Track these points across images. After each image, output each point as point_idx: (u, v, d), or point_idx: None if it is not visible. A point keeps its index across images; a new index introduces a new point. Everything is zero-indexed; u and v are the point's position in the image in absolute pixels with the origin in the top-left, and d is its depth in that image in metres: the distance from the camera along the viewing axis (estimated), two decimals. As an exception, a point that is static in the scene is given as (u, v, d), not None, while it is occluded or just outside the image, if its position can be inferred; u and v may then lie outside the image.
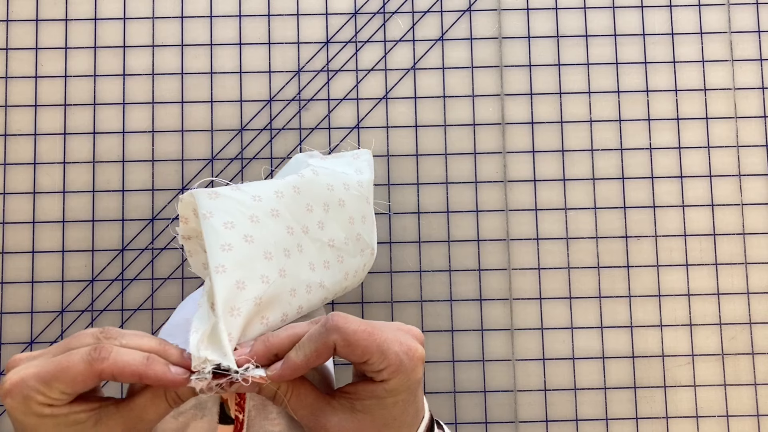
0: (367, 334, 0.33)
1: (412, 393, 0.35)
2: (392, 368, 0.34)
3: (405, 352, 0.34)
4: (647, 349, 0.55)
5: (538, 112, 0.57)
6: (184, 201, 0.38)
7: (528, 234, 0.56)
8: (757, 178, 0.57)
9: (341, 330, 0.33)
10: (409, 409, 0.36)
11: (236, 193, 0.39)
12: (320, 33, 0.57)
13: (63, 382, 0.32)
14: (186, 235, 0.40)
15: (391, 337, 0.34)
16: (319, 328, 0.34)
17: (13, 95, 0.56)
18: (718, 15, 0.58)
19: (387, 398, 0.35)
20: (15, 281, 0.55)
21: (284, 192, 0.41)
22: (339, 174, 0.45)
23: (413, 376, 0.34)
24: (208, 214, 0.37)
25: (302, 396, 0.36)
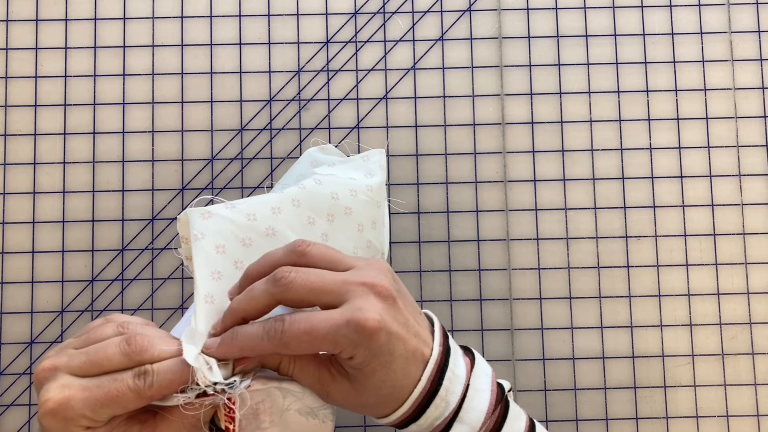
0: (307, 334, 0.33)
1: (385, 355, 0.34)
2: (347, 350, 0.33)
3: (355, 330, 0.33)
4: (647, 349, 0.55)
5: (538, 112, 0.57)
6: (182, 221, 0.38)
7: (528, 234, 0.56)
8: (758, 178, 0.57)
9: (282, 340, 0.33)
10: (393, 366, 0.35)
11: (230, 212, 0.38)
12: (320, 33, 0.57)
13: (114, 410, 0.33)
14: (188, 256, 0.39)
15: (336, 317, 0.33)
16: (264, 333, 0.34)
17: (13, 95, 0.56)
18: (718, 15, 0.58)
19: (363, 369, 0.34)
20: (15, 281, 0.55)
21: (282, 207, 0.40)
22: (345, 181, 0.44)
23: (374, 345, 0.33)
24: (199, 235, 0.36)
25: (304, 366, 0.36)
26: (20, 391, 0.54)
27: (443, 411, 0.36)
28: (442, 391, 0.36)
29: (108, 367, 0.34)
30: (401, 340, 0.35)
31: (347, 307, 0.33)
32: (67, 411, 0.33)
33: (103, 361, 0.34)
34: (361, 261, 0.36)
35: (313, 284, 0.34)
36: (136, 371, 0.33)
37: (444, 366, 0.36)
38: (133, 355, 0.34)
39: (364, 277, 0.35)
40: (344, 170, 0.46)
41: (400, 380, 0.35)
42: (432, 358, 0.36)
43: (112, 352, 0.34)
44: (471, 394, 0.36)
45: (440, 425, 0.36)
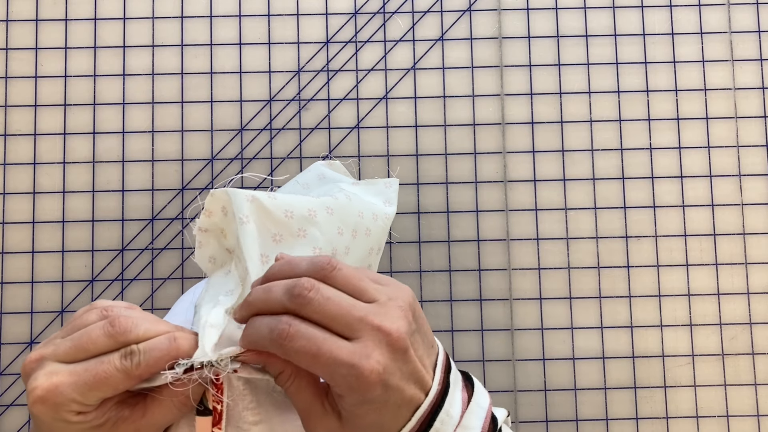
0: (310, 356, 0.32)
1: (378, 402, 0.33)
2: (341, 388, 0.33)
3: (355, 375, 0.32)
4: (647, 349, 0.55)
5: (538, 112, 0.57)
6: (215, 196, 0.38)
7: (528, 234, 0.56)
8: (757, 178, 0.57)
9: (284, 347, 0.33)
10: (384, 412, 0.34)
11: (271, 203, 0.38)
12: (320, 33, 0.57)
13: (101, 391, 0.33)
14: (204, 228, 0.40)
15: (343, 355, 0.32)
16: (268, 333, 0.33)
17: (13, 95, 0.56)
18: (718, 15, 0.58)
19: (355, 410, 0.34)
20: (15, 281, 0.55)
21: (317, 211, 0.40)
22: (369, 203, 0.44)
23: (368, 396, 0.33)
24: (245, 219, 0.37)
25: (301, 389, 0.35)
26: (20, 391, 0.54)
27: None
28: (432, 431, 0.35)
29: (93, 350, 0.34)
30: (398, 391, 0.34)
31: (356, 349, 0.33)
32: (57, 397, 0.32)
33: (88, 344, 0.34)
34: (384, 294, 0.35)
35: (329, 312, 0.33)
36: (122, 352, 0.33)
37: (438, 407, 0.36)
38: (118, 336, 0.34)
39: (382, 321, 0.34)
40: (367, 192, 0.46)
41: (389, 423, 0.35)
42: (426, 401, 0.35)
43: (97, 335, 0.34)
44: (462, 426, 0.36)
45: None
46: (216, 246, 0.40)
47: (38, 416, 0.33)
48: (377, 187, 0.47)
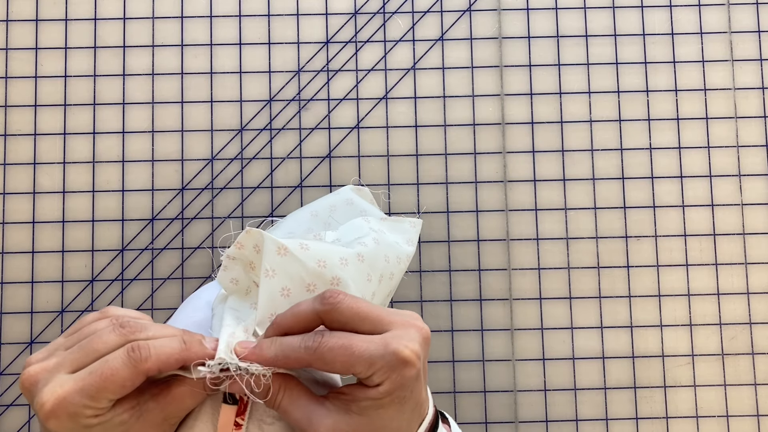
0: (345, 349, 0.33)
1: (407, 390, 0.35)
2: (381, 373, 0.33)
3: (392, 354, 0.33)
4: (647, 349, 0.55)
5: (538, 112, 0.57)
6: (250, 234, 0.39)
7: (528, 234, 0.56)
8: (757, 178, 0.57)
9: (317, 352, 0.33)
10: (404, 408, 0.35)
11: (304, 254, 0.38)
12: (320, 33, 0.57)
13: (111, 391, 0.32)
14: (233, 257, 0.40)
15: (377, 341, 0.34)
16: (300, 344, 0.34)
17: (13, 95, 0.56)
18: (718, 15, 0.58)
19: (383, 399, 0.34)
20: (15, 281, 0.55)
21: (349, 260, 0.40)
22: (394, 245, 0.45)
23: (406, 374, 0.34)
24: (271, 272, 0.37)
25: (295, 398, 0.36)
26: (20, 391, 0.54)
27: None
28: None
29: (103, 351, 0.33)
30: (420, 386, 0.36)
31: (387, 335, 0.34)
32: (67, 407, 0.32)
33: (98, 345, 0.33)
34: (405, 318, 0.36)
35: (360, 309, 0.34)
36: (127, 346, 0.33)
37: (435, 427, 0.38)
38: (129, 335, 0.33)
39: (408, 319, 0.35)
40: (392, 229, 0.47)
41: (403, 425, 0.36)
42: (428, 417, 0.37)
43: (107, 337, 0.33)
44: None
45: None
46: (240, 272, 0.41)
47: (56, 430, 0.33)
48: (403, 225, 0.47)
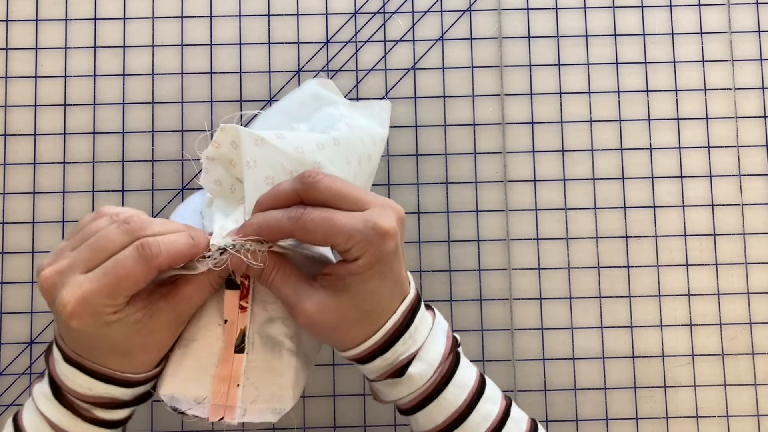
0: (326, 221, 0.35)
1: (386, 265, 0.36)
2: (359, 246, 0.35)
3: (371, 227, 0.35)
4: (647, 349, 0.55)
5: (538, 112, 0.57)
6: (226, 130, 0.40)
7: (528, 234, 0.56)
8: (758, 178, 0.57)
9: (300, 221, 0.35)
10: (385, 282, 0.37)
11: (281, 143, 0.40)
12: (320, 33, 0.57)
13: (126, 288, 0.34)
14: (212, 157, 0.41)
15: (357, 217, 0.35)
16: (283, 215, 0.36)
17: (13, 95, 0.56)
18: (718, 15, 0.58)
19: (363, 273, 0.36)
20: (15, 281, 0.55)
21: (325, 144, 0.42)
22: (367, 127, 0.46)
23: (384, 248, 0.36)
24: (252, 163, 0.39)
25: (286, 276, 0.37)
26: (20, 391, 0.54)
27: (409, 348, 0.39)
28: (411, 328, 0.39)
29: (112, 249, 0.35)
30: (399, 263, 0.38)
31: (366, 212, 0.36)
32: (88, 307, 0.34)
33: (106, 244, 0.35)
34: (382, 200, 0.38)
35: (339, 188, 0.36)
36: (137, 244, 0.34)
37: (417, 307, 0.39)
38: (135, 232, 0.35)
39: (384, 201, 0.37)
40: (363, 114, 0.47)
41: (385, 299, 0.38)
42: (410, 295, 0.39)
43: (114, 234, 0.35)
44: (432, 337, 0.39)
45: (402, 361, 0.39)
46: (222, 172, 0.41)
47: (79, 330, 0.35)
48: (372, 109, 0.48)
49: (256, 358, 0.39)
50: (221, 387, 0.39)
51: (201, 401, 0.39)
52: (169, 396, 0.39)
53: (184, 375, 0.39)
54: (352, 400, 0.55)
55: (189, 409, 0.38)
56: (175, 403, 0.39)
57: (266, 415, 0.39)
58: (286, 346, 0.40)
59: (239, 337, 0.39)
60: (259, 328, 0.40)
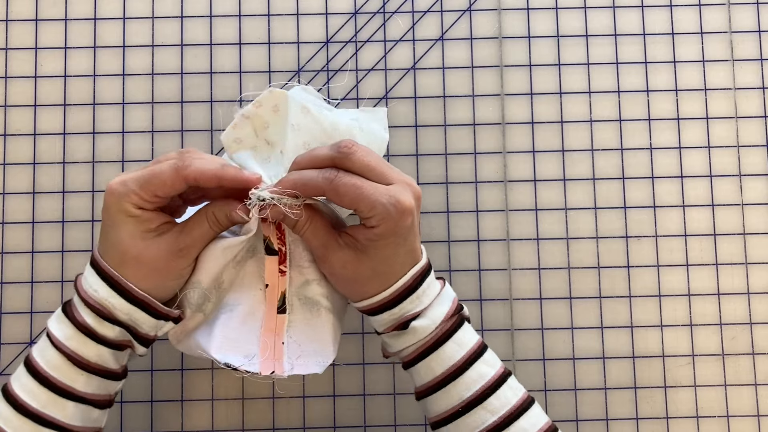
0: (356, 188, 0.39)
1: (401, 237, 0.41)
2: (379, 217, 0.40)
3: (392, 203, 0.39)
4: (647, 349, 0.55)
5: (538, 112, 0.57)
6: (274, 93, 0.44)
7: (528, 234, 0.56)
8: (758, 178, 0.57)
9: (333, 183, 0.39)
10: (398, 251, 0.42)
11: (320, 116, 0.45)
12: (320, 33, 0.57)
13: (155, 185, 0.39)
14: (247, 115, 0.45)
15: (382, 190, 0.40)
16: (318, 174, 0.40)
17: (13, 95, 0.56)
18: (719, 15, 0.58)
19: (378, 241, 0.41)
20: (15, 281, 0.55)
21: (352, 129, 0.46)
22: (375, 131, 0.50)
23: (400, 223, 0.40)
24: (296, 126, 0.44)
25: (317, 229, 0.42)
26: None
27: (415, 306, 0.43)
28: (419, 290, 0.43)
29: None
30: (414, 235, 0.42)
31: (391, 188, 0.40)
32: (121, 187, 0.40)
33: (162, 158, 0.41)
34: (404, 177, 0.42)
35: (369, 161, 0.40)
36: (176, 155, 0.41)
37: (426, 273, 0.44)
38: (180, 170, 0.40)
39: (406, 179, 0.42)
40: (371, 119, 0.51)
41: (397, 265, 0.42)
42: (421, 263, 0.43)
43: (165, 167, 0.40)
44: (438, 301, 0.44)
45: (407, 317, 0.43)
46: (249, 132, 0.45)
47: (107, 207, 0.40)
48: (378, 114, 0.52)
49: (297, 318, 0.44)
50: (268, 344, 0.43)
51: (251, 358, 0.42)
52: (222, 354, 0.42)
53: (233, 336, 0.43)
54: (352, 400, 0.55)
55: (241, 365, 0.42)
56: (228, 360, 0.42)
57: (312, 367, 0.43)
58: (323, 305, 0.44)
59: (280, 299, 0.44)
60: (296, 290, 0.44)
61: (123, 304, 0.41)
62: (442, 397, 0.43)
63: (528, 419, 0.43)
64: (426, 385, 0.44)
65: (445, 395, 0.43)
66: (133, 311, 0.41)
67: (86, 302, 0.41)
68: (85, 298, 0.42)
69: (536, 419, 0.43)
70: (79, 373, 0.41)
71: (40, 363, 0.41)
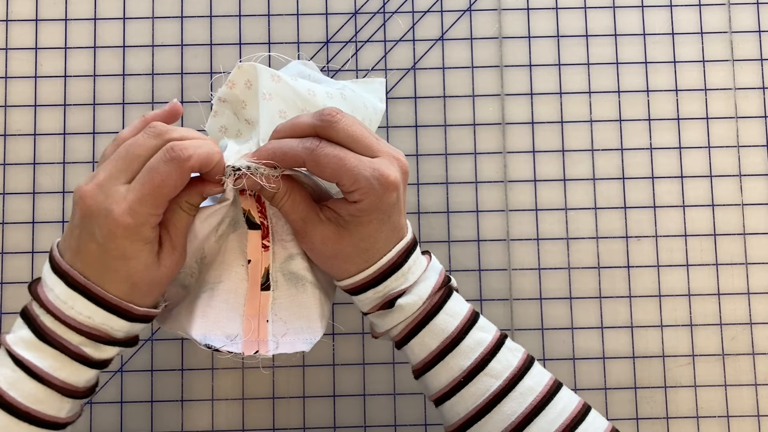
0: (338, 159, 0.37)
1: (385, 213, 0.39)
2: (362, 191, 0.37)
3: (377, 177, 0.37)
4: (647, 349, 0.55)
5: (538, 112, 0.57)
6: (243, 69, 0.42)
7: (528, 234, 0.56)
8: (758, 178, 0.57)
9: (314, 153, 0.37)
10: (383, 227, 0.39)
11: (294, 83, 0.42)
12: (320, 33, 0.57)
13: (167, 194, 0.36)
14: (223, 98, 0.43)
15: (366, 163, 0.37)
16: (298, 144, 0.37)
17: (13, 95, 0.56)
18: (719, 15, 0.58)
19: (361, 217, 0.38)
20: (15, 281, 0.55)
21: (333, 95, 0.44)
22: (368, 97, 0.48)
23: (385, 199, 0.38)
24: (267, 95, 0.41)
25: (296, 202, 0.39)
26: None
27: (400, 284, 0.41)
28: (405, 267, 0.41)
29: (145, 155, 0.36)
30: (398, 212, 0.40)
31: (376, 161, 0.38)
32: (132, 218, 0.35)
33: (138, 150, 0.36)
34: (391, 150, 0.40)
35: (354, 131, 0.38)
36: (167, 148, 0.36)
37: (412, 249, 0.42)
38: (163, 135, 0.36)
39: (393, 152, 0.39)
40: (365, 90, 0.49)
41: (381, 242, 0.40)
42: (406, 239, 0.41)
43: (142, 140, 0.37)
44: (424, 277, 0.42)
45: (392, 295, 0.41)
46: (230, 117, 0.44)
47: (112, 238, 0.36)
48: (373, 85, 0.50)
49: (282, 294, 0.42)
50: (251, 323, 0.41)
51: (233, 338, 0.40)
52: (202, 335, 0.40)
53: (213, 315, 0.41)
54: (352, 400, 0.55)
55: (223, 346, 0.40)
56: (209, 341, 0.40)
57: (299, 345, 0.41)
58: (309, 280, 0.42)
59: (264, 275, 0.41)
60: (280, 265, 0.42)
61: (123, 324, 0.39)
62: (441, 371, 0.42)
63: (532, 377, 0.42)
64: (423, 361, 0.42)
65: (444, 368, 0.41)
66: (132, 327, 0.39)
67: (77, 329, 0.38)
68: (75, 326, 0.38)
69: (540, 377, 0.42)
70: (66, 401, 0.39)
71: (14, 396, 0.37)
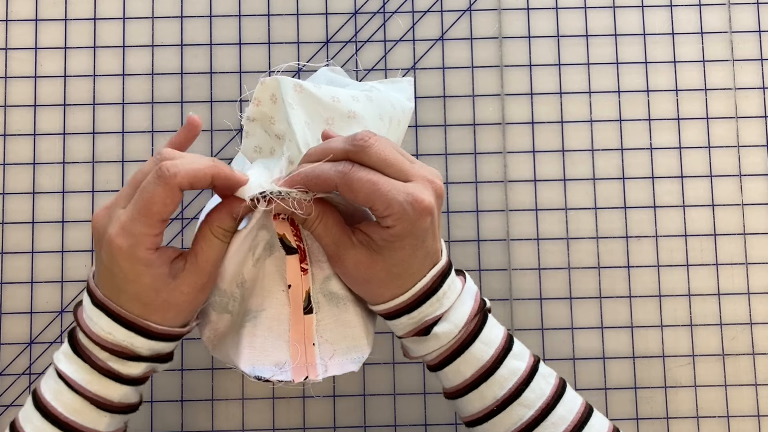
0: (371, 184, 0.36)
1: (419, 239, 0.38)
2: (395, 216, 0.37)
3: (410, 202, 0.36)
4: (648, 349, 0.55)
5: (538, 112, 0.57)
6: (266, 84, 0.42)
7: (528, 234, 0.56)
8: (758, 178, 0.56)
9: (346, 177, 0.36)
10: (416, 253, 0.39)
11: (317, 91, 0.42)
12: (320, 33, 0.57)
13: (157, 212, 0.36)
14: (252, 117, 0.43)
15: (399, 187, 0.37)
16: (331, 168, 0.37)
17: (13, 95, 0.56)
18: (719, 15, 0.58)
19: (394, 242, 0.38)
20: (15, 281, 0.55)
21: (360, 98, 0.43)
22: (396, 96, 0.47)
23: (418, 224, 0.37)
24: (294, 104, 0.41)
25: (329, 226, 0.39)
26: (20, 391, 0.54)
27: (435, 310, 0.40)
28: (440, 292, 0.40)
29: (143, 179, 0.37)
30: (433, 236, 0.39)
31: (409, 185, 0.37)
32: (126, 239, 0.36)
33: (140, 176, 0.37)
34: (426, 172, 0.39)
35: (387, 156, 0.37)
36: (156, 168, 0.36)
37: (447, 273, 0.41)
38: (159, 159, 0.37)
39: (427, 175, 0.39)
40: (393, 89, 0.49)
41: (414, 267, 0.39)
42: (440, 263, 0.40)
43: (147, 167, 0.37)
44: (460, 301, 0.41)
45: (428, 321, 0.40)
46: (262, 135, 0.43)
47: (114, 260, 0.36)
48: (402, 84, 0.50)
49: (325, 316, 0.41)
50: (298, 349, 0.41)
51: (282, 366, 0.40)
52: (251, 367, 0.40)
53: (259, 344, 0.40)
54: (352, 400, 0.55)
55: (272, 375, 0.40)
56: (258, 372, 0.40)
57: (348, 366, 0.41)
58: (350, 298, 0.42)
59: (306, 298, 0.41)
60: (320, 287, 0.41)
61: (144, 342, 0.39)
62: (474, 398, 0.41)
63: (564, 405, 0.42)
64: (456, 387, 0.42)
65: (478, 396, 0.41)
66: (155, 345, 0.39)
67: (102, 345, 0.38)
68: (100, 342, 0.38)
69: (572, 404, 0.42)
70: (102, 415, 0.39)
71: (57, 407, 0.39)
